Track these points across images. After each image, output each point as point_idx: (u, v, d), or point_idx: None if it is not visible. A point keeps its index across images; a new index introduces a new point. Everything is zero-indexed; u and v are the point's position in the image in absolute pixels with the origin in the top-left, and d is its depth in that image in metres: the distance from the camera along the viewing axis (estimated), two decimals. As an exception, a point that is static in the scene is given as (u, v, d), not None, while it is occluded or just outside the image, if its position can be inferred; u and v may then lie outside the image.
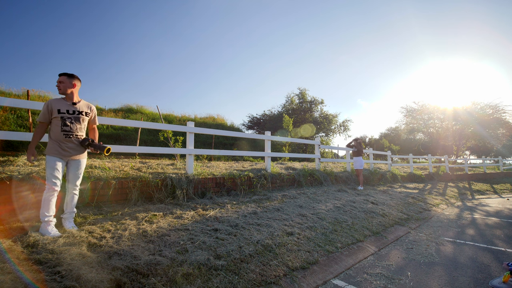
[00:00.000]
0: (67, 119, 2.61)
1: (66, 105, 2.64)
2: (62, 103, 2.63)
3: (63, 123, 2.59)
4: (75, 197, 2.74)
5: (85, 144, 2.73)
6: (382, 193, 6.99)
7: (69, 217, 2.69)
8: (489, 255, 3.25)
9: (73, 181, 2.71)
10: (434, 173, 13.35)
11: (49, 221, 2.47)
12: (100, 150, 2.74)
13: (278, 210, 4.10)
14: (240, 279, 2.12)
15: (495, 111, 18.34)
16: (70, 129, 2.63)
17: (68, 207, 2.70)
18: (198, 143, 15.20)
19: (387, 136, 33.25)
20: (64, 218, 2.68)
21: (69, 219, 2.68)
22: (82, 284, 1.75)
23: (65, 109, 2.62)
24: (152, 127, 4.52)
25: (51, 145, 2.57)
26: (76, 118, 2.68)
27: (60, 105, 2.61)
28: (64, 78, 2.65)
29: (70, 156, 2.63)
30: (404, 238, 3.97)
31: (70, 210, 2.70)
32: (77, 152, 2.69)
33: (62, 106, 2.61)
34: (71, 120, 2.64)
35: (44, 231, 2.43)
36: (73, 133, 2.65)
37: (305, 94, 22.59)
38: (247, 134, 6.57)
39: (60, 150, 2.57)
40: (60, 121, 2.58)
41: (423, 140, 23.86)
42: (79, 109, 2.71)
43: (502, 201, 8.47)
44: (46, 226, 2.45)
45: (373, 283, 2.42)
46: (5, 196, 2.78)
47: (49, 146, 2.57)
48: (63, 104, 2.63)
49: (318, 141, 8.11)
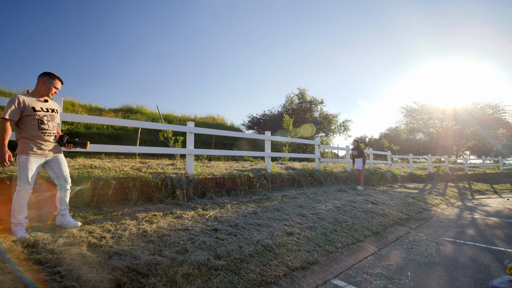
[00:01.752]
0: (44, 117, 2.50)
1: (40, 103, 2.51)
2: (35, 101, 2.48)
3: (40, 121, 2.47)
4: (68, 192, 2.71)
5: (64, 142, 2.67)
6: (382, 193, 6.99)
7: (66, 213, 2.66)
8: (489, 255, 3.25)
9: (62, 176, 2.65)
10: (434, 173, 13.35)
11: (20, 224, 2.38)
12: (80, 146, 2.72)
13: (278, 210, 4.10)
14: (240, 279, 2.12)
15: (495, 111, 18.34)
16: (48, 127, 2.53)
17: (63, 203, 2.65)
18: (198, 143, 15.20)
19: (387, 136, 33.25)
20: (61, 215, 2.63)
21: (67, 215, 2.66)
22: (82, 284, 1.75)
23: (40, 107, 2.48)
24: (152, 127, 4.52)
25: (25, 144, 2.42)
26: (51, 116, 2.59)
27: (33, 103, 2.46)
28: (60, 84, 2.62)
29: (48, 155, 2.55)
30: (404, 238, 3.97)
31: (64, 205, 2.66)
32: (55, 150, 2.63)
33: (36, 104, 2.48)
34: (48, 118, 2.54)
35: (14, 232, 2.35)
36: (50, 131, 2.56)
37: (305, 94, 22.60)
38: (247, 134, 6.57)
39: (37, 149, 2.45)
40: (37, 119, 2.45)
41: (423, 140, 23.86)
42: (51, 107, 2.62)
43: (502, 201, 8.47)
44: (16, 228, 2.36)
45: (373, 283, 2.42)
46: (5, 196, 2.78)
47: (22, 146, 2.41)
48: (37, 102, 2.49)
49: (318, 141, 8.10)
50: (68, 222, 2.62)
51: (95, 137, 13.09)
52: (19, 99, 2.38)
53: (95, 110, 17.25)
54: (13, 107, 2.33)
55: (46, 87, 2.54)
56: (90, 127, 14.21)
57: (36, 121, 2.45)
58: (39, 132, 2.47)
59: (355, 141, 8.07)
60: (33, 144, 2.45)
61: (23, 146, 2.41)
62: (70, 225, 2.62)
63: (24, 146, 2.41)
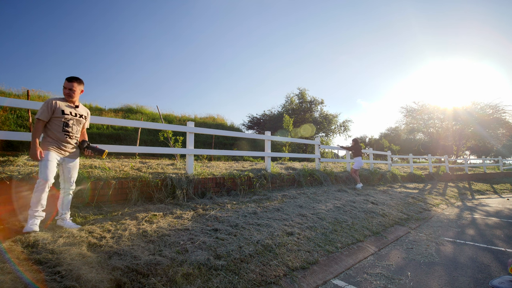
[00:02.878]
0: (70, 120, 2.66)
1: (69, 108, 2.68)
2: (65, 105, 2.66)
3: (65, 124, 2.62)
4: (70, 197, 2.78)
5: (83, 147, 2.76)
6: (382, 193, 6.99)
7: (66, 216, 2.71)
8: (489, 255, 3.25)
9: (69, 181, 2.72)
10: (434, 173, 13.35)
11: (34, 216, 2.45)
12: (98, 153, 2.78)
13: (278, 210, 4.10)
14: (240, 279, 2.12)
15: (495, 111, 18.34)
16: (71, 131, 2.68)
17: (64, 207, 2.72)
18: (198, 143, 15.20)
19: (387, 136, 33.25)
20: (61, 219, 2.68)
21: (67, 219, 2.71)
22: (82, 284, 1.75)
23: (69, 111, 2.66)
24: (152, 127, 4.53)
25: (48, 142, 2.56)
26: (78, 121, 2.75)
27: (64, 107, 2.63)
28: (76, 85, 2.70)
29: (66, 156, 2.66)
30: (404, 238, 3.97)
31: (66, 210, 2.72)
32: (74, 153, 2.75)
33: (66, 108, 2.64)
34: (73, 122, 2.70)
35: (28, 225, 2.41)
36: (73, 134, 2.70)
37: (305, 94, 22.59)
38: (247, 134, 6.57)
39: (58, 148, 2.59)
40: (63, 122, 2.61)
41: (423, 140, 23.86)
42: (80, 112, 2.78)
43: (502, 201, 8.47)
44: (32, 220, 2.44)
45: (373, 283, 2.42)
46: (5, 196, 2.78)
47: (45, 143, 2.55)
48: (67, 106, 2.67)
49: (318, 141, 8.10)
50: (68, 226, 2.65)
51: (95, 137, 13.09)
52: (52, 102, 2.57)
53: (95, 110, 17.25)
54: (45, 109, 2.52)
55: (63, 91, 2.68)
56: (90, 127, 14.21)
57: (61, 123, 2.61)
58: (63, 133, 2.61)
59: (353, 140, 8.08)
60: (55, 144, 2.58)
61: (46, 143, 2.55)
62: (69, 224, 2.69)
63: (47, 143, 2.55)
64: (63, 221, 2.68)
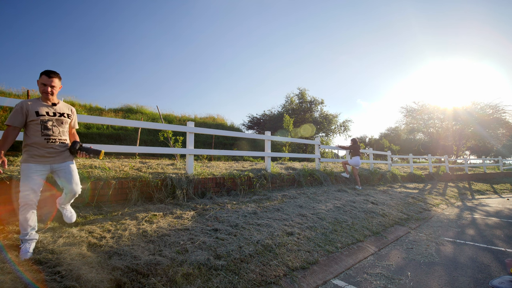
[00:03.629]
0: (48, 122, 2.28)
1: (45, 107, 2.30)
2: (39, 105, 2.28)
3: (43, 126, 2.26)
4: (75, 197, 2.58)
5: (76, 149, 2.41)
6: (382, 193, 6.99)
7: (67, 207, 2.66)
8: (489, 255, 3.25)
9: (71, 182, 2.41)
10: (434, 173, 13.35)
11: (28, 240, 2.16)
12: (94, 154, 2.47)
13: (278, 210, 4.10)
14: (240, 279, 2.12)
15: (495, 111, 18.33)
16: (53, 133, 2.31)
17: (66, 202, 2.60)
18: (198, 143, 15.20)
19: (387, 136, 33.24)
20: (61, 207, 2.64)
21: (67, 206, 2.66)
22: (82, 284, 1.75)
23: (45, 111, 2.28)
24: (152, 127, 4.52)
25: (28, 152, 2.23)
26: (59, 120, 2.36)
27: (37, 107, 2.26)
28: (57, 81, 2.34)
29: (53, 162, 2.31)
30: (404, 238, 3.96)
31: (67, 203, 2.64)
32: (63, 157, 2.38)
33: (40, 108, 2.27)
34: (53, 123, 2.32)
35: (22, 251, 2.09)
36: (55, 137, 2.32)
37: (305, 94, 22.59)
38: (247, 134, 6.57)
39: (39, 156, 2.24)
40: (40, 124, 2.25)
41: (423, 140, 23.85)
42: (60, 110, 2.39)
43: (502, 201, 8.47)
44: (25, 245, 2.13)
45: (373, 283, 2.42)
46: (5, 196, 2.78)
47: (24, 154, 2.23)
48: (41, 106, 2.29)
49: (318, 141, 8.10)
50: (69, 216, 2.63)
51: (95, 137, 13.09)
52: (22, 104, 2.22)
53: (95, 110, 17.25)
54: (15, 113, 2.19)
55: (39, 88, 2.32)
56: (90, 127, 14.22)
57: (39, 126, 2.24)
58: (42, 138, 2.25)
59: (352, 140, 8.11)
60: (36, 152, 2.24)
61: (25, 154, 2.23)
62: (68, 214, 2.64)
63: (26, 154, 2.24)
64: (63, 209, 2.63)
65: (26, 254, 2.06)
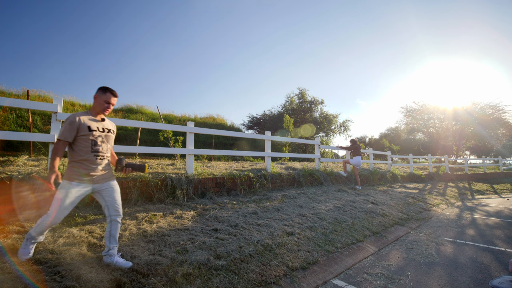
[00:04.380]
0: (98, 138, 2.21)
1: (95, 122, 2.23)
2: (91, 119, 2.22)
3: (93, 142, 2.18)
4: (119, 226, 2.26)
5: (123, 165, 2.31)
6: (382, 193, 6.99)
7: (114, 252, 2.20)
8: (489, 255, 3.25)
9: (114, 206, 2.26)
10: (434, 173, 13.35)
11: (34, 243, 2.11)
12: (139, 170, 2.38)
13: (278, 210, 4.10)
14: (240, 279, 2.12)
15: (495, 111, 18.34)
16: (101, 150, 2.23)
17: (112, 240, 2.19)
18: (198, 143, 15.20)
19: (387, 136, 33.24)
20: (108, 255, 2.16)
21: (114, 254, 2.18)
22: (82, 284, 1.75)
23: (96, 127, 2.21)
24: (152, 127, 4.52)
25: (73, 168, 2.11)
26: (107, 137, 2.29)
27: (90, 122, 2.19)
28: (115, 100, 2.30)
29: (98, 182, 2.20)
30: (404, 238, 3.96)
31: (114, 243, 2.19)
32: (107, 175, 2.28)
33: (92, 123, 2.20)
34: (102, 140, 2.24)
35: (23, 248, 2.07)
36: (103, 154, 2.24)
37: (305, 94, 22.58)
38: (247, 134, 6.57)
39: (85, 175, 2.13)
40: (91, 140, 2.16)
41: (423, 140, 23.86)
42: (107, 126, 2.32)
43: (502, 201, 8.47)
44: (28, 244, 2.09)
45: (373, 283, 2.42)
46: (5, 196, 2.78)
47: (69, 171, 2.10)
48: (93, 121, 2.22)
49: (318, 141, 8.10)
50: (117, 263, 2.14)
51: (95, 137, 13.07)
52: (75, 118, 2.13)
53: (95, 110, 17.21)
54: (67, 127, 2.09)
55: (98, 102, 2.25)
56: (90, 127, 14.20)
57: (89, 142, 2.16)
58: (92, 154, 2.17)
59: (351, 141, 8.12)
60: (82, 169, 2.13)
61: (70, 171, 2.10)
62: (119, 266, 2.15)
63: (71, 171, 2.11)
64: (110, 257, 2.16)
65: (29, 254, 2.05)
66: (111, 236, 2.19)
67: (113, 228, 2.21)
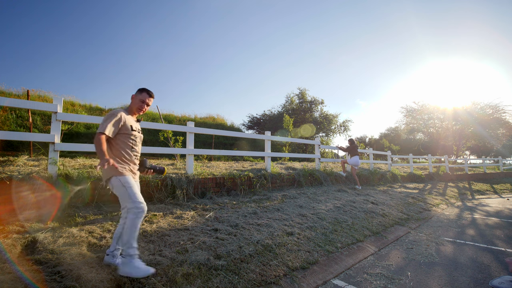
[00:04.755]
0: (137, 138, 2.22)
1: (134, 122, 2.22)
2: (131, 118, 2.21)
3: (133, 141, 2.18)
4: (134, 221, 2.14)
5: (147, 167, 2.30)
6: (382, 193, 6.99)
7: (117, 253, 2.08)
8: (489, 255, 3.25)
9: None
10: (434, 173, 13.34)
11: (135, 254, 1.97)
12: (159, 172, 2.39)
13: (278, 210, 4.10)
14: (240, 279, 2.12)
15: (495, 111, 18.34)
16: (138, 150, 2.25)
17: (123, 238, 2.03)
18: (198, 143, 15.20)
19: (387, 136, 33.23)
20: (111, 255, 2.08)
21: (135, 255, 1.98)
22: (82, 284, 1.75)
23: (135, 127, 2.21)
24: (152, 127, 4.52)
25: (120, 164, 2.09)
26: (140, 137, 2.31)
27: (131, 121, 2.18)
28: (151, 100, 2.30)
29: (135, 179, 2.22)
30: (404, 238, 3.96)
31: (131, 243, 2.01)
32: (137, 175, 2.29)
33: (132, 122, 2.20)
34: (138, 140, 2.26)
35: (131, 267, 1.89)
36: (137, 154, 2.25)
37: (305, 94, 22.58)
38: (247, 134, 6.57)
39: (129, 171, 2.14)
40: (131, 139, 2.16)
41: (423, 140, 23.86)
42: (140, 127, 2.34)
43: (502, 201, 8.47)
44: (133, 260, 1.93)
45: (373, 283, 2.42)
46: (5, 196, 2.78)
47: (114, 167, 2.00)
48: (132, 120, 2.21)
49: (318, 141, 8.11)
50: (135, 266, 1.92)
51: (95, 137, 13.06)
52: (120, 114, 2.11)
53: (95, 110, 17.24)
54: (113, 121, 2.05)
55: (134, 102, 2.24)
56: (90, 127, 14.21)
57: (130, 141, 2.17)
58: (132, 153, 2.18)
59: (349, 141, 8.15)
60: (126, 166, 2.12)
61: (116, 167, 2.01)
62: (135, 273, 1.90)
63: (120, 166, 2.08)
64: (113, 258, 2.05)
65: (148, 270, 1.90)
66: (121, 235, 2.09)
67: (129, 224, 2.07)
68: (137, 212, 1.96)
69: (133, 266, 1.90)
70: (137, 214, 1.96)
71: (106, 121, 2.04)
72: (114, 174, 2.03)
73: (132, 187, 2.03)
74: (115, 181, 2.02)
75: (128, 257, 1.93)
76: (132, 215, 1.95)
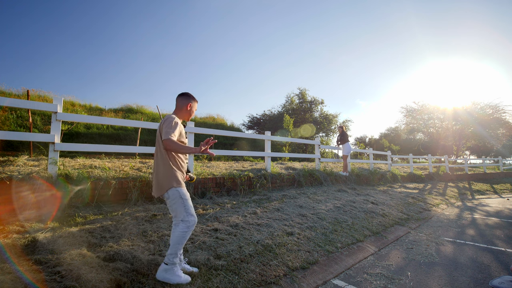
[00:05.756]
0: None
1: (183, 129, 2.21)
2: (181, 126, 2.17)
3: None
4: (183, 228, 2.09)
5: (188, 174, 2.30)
6: (382, 193, 6.99)
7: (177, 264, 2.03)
8: (489, 255, 3.25)
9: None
10: (434, 173, 13.34)
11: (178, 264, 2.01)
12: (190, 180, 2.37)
13: (278, 210, 4.10)
14: (240, 279, 2.12)
15: (495, 111, 18.35)
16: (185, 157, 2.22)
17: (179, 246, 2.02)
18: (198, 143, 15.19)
19: (387, 136, 33.25)
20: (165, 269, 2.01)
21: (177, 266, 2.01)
22: (82, 284, 1.75)
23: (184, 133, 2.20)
24: (152, 127, 4.52)
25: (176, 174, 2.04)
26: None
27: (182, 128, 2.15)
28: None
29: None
30: (404, 238, 3.96)
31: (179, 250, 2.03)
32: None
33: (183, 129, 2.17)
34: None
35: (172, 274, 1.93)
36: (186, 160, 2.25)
37: (305, 94, 22.60)
38: (247, 134, 6.57)
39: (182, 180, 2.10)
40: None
41: (423, 140, 23.86)
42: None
43: (502, 201, 8.47)
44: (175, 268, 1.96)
45: (373, 283, 2.42)
46: (5, 196, 2.78)
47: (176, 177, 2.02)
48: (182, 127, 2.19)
49: (318, 141, 8.11)
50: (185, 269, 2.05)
51: (95, 137, 13.09)
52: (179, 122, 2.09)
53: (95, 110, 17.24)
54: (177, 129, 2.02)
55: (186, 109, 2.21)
56: (90, 127, 14.21)
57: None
58: (185, 161, 2.16)
59: (340, 128, 8.27)
60: (180, 175, 2.08)
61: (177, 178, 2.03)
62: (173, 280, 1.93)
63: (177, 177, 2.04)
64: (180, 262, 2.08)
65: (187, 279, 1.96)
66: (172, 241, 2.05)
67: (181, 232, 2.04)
68: (189, 225, 1.99)
69: (175, 274, 1.95)
70: (189, 227, 1.99)
71: (173, 128, 1.99)
72: (173, 185, 2.00)
73: (189, 200, 2.04)
74: (174, 192, 2.00)
75: (172, 265, 1.96)
76: (184, 228, 1.97)
